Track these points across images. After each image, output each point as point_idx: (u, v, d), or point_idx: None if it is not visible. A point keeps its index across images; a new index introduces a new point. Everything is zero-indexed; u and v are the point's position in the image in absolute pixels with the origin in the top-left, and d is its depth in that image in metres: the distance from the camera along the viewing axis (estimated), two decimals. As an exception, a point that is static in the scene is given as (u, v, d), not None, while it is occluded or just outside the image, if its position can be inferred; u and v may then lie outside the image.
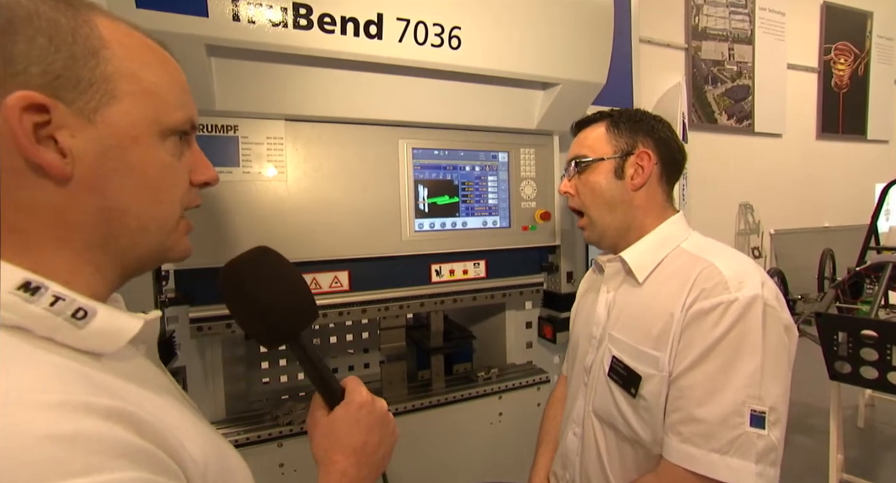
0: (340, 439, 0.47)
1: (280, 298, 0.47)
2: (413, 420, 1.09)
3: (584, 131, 0.80)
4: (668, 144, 0.75)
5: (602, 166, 0.75)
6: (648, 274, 0.71)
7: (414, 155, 1.03)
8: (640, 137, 0.74)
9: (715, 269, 0.63)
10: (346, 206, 0.99)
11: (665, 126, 0.76)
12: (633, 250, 0.74)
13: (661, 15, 3.22)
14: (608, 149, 0.75)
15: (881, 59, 3.90)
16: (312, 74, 0.90)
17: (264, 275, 0.47)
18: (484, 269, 1.13)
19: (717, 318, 0.59)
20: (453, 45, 0.88)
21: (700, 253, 0.68)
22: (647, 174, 0.73)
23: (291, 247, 0.95)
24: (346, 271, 1.03)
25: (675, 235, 0.73)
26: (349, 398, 0.50)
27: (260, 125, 0.92)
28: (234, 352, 1.10)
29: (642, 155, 0.73)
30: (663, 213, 0.75)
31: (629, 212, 0.74)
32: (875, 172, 3.59)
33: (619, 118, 0.76)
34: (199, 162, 0.44)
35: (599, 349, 0.75)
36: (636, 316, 0.70)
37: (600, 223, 0.76)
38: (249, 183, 0.91)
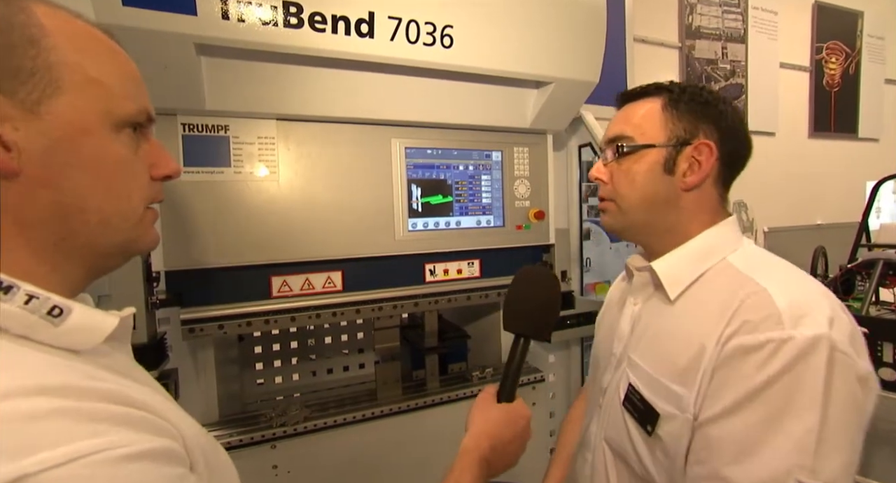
0: (493, 429, 0.55)
1: (557, 315, 0.63)
2: (408, 420, 1.08)
3: (633, 105, 0.62)
4: (736, 136, 0.59)
5: (649, 155, 0.59)
6: (682, 291, 0.58)
7: (407, 154, 1.03)
8: (703, 124, 0.58)
9: (766, 296, 0.49)
10: (339, 205, 0.98)
11: (735, 112, 0.60)
12: (668, 260, 0.60)
13: (655, 14, 3.22)
14: (660, 133, 0.59)
15: (872, 58, 3.93)
16: (304, 74, 0.90)
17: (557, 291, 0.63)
18: (478, 269, 1.13)
19: (762, 359, 0.46)
20: (445, 43, 0.88)
21: (750, 271, 0.54)
22: (704, 173, 0.58)
23: (283, 247, 0.95)
24: (340, 271, 1.02)
25: (721, 245, 0.59)
26: (517, 404, 0.59)
27: (251, 125, 0.91)
28: (226, 353, 1.09)
29: (702, 148, 0.57)
30: (713, 218, 0.60)
31: (671, 215, 0.60)
32: (866, 170, 3.62)
33: (681, 95, 0.59)
34: (158, 156, 0.42)
35: (618, 371, 0.64)
36: (661, 340, 0.58)
37: (632, 217, 0.62)
38: (241, 183, 0.91)
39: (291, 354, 1.24)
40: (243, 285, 0.94)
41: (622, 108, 0.65)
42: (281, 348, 1.23)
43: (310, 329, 1.26)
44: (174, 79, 0.76)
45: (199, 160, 0.87)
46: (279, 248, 0.95)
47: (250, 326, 0.95)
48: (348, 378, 1.30)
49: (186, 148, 0.85)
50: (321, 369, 1.28)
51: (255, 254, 0.93)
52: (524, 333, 0.60)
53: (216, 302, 0.92)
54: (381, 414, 1.05)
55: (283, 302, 0.98)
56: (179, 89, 0.78)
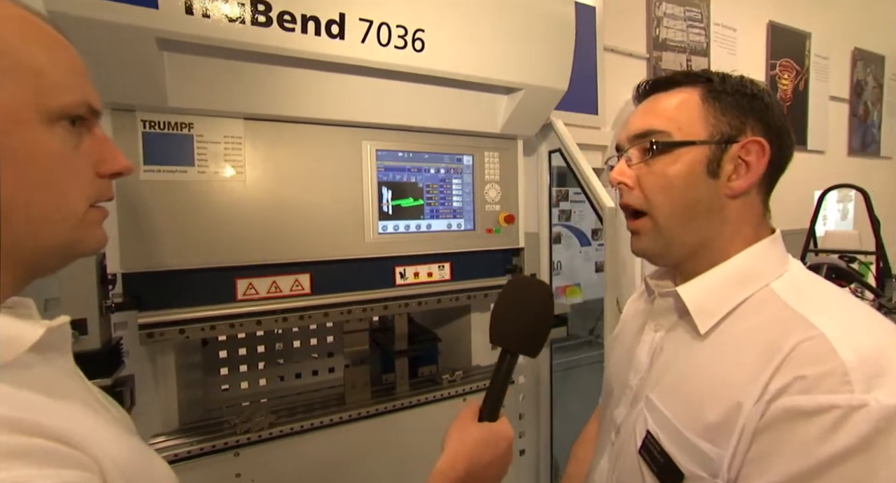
0: (470, 450, 0.51)
1: (548, 331, 0.59)
2: (377, 424, 1.08)
3: (662, 96, 0.53)
4: (783, 136, 0.50)
5: (688, 154, 0.49)
6: (715, 324, 0.48)
7: (378, 157, 1.03)
8: (750, 120, 0.49)
9: (824, 344, 0.39)
10: (308, 207, 0.97)
11: (781, 107, 0.51)
12: (699, 285, 0.50)
13: (625, 25, 3.34)
14: (701, 128, 0.49)
15: (818, 76, 4.22)
16: (274, 73, 0.88)
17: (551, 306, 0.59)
18: (449, 272, 1.14)
19: (824, 429, 0.37)
20: (417, 47, 0.88)
21: (801, 305, 0.44)
22: (754, 176, 0.49)
23: (249, 249, 0.93)
24: (308, 274, 1.01)
25: (765, 268, 0.49)
26: (500, 425, 0.55)
27: (217, 123, 0.89)
28: (188, 358, 1.05)
29: (751, 146, 0.48)
30: (756, 232, 0.51)
31: (711, 227, 0.50)
32: (814, 180, 3.87)
33: (724, 85, 0.50)
34: (105, 151, 0.39)
35: (634, 409, 0.55)
36: (687, 383, 0.48)
37: (669, 234, 0.51)
38: (205, 183, 0.88)
39: (258, 359, 1.21)
40: (207, 288, 0.92)
41: (648, 99, 0.54)
42: (247, 353, 1.19)
43: (277, 333, 1.23)
44: (134, 74, 0.73)
45: (160, 158, 0.84)
46: (245, 250, 0.93)
47: (214, 330, 0.93)
48: (318, 382, 1.28)
49: (147, 145, 0.82)
50: (289, 374, 1.26)
51: (220, 256, 0.91)
52: (512, 349, 0.56)
53: (178, 305, 0.89)
54: (349, 418, 1.04)
55: (249, 305, 0.96)
56: (139, 85, 0.75)
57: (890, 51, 4.71)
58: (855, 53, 4.42)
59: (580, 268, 2.48)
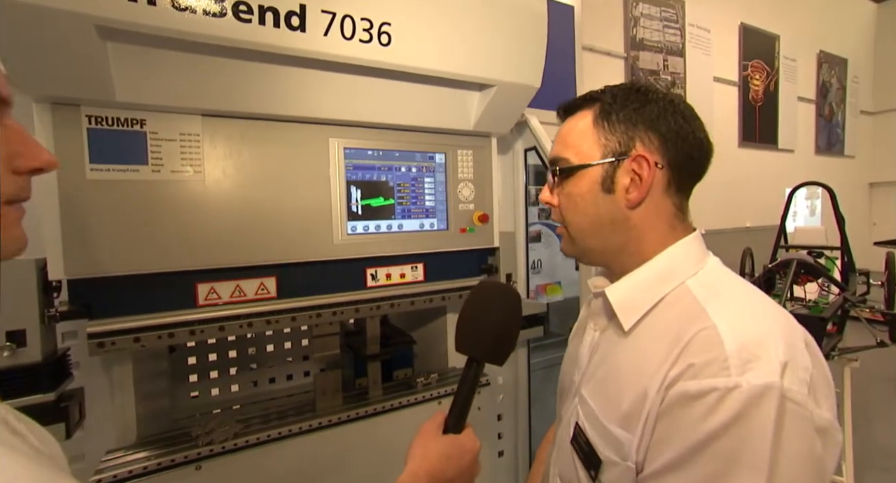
0: (434, 465, 0.50)
1: (516, 337, 0.58)
2: (349, 431, 1.04)
3: (570, 121, 0.58)
4: (682, 139, 0.53)
5: (587, 175, 0.54)
6: (637, 320, 0.52)
7: (346, 155, 0.99)
8: (639, 132, 0.53)
9: (713, 335, 0.44)
10: (273, 208, 0.93)
11: (678, 111, 0.54)
12: (622, 285, 0.55)
13: (603, 25, 3.38)
14: (595, 150, 0.54)
15: (787, 77, 4.35)
16: (233, 67, 0.84)
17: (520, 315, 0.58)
18: (422, 273, 1.11)
19: (706, 410, 0.42)
20: (383, 41, 0.86)
21: (705, 301, 0.48)
22: (646, 186, 0.52)
23: (211, 252, 0.88)
24: (274, 277, 0.97)
25: (681, 267, 0.53)
26: (465, 437, 0.54)
27: (172, 120, 0.84)
28: (152, 366, 1.00)
29: (639, 160, 0.52)
30: (671, 232, 0.55)
31: (623, 233, 0.55)
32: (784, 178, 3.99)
33: (612, 105, 0.54)
34: (21, 145, 0.36)
35: (571, 403, 0.59)
36: (610, 377, 0.53)
37: (581, 244, 0.58)
38: (160, 183, 0.83)
39: (229, 364, 1.17)
40: (165, 294, 0.87)
41: (562, 125, 0.61)
42: (218, 358, 1.15)
43: (249, 337, 1.18)
44: (75, 65, 0.68)
45: (108, 157, 0.78)
46: (206, 253, 0.89)
47: (173, 338, 0.88)
48: (293, 387, 1.24)
49: (93, 142, 0.77)
50: (263, 379, 1.22)
51: (179, 259, 0.86)
52: (477, 357, 0.54)
53: (133, 312, 0.84)
54: (319, 426, 1.01)
55: (211, 311, 0.91)
56: (82, 77, 0.70)
57: (852, 54, 4.90)
58: (820, 56, 4.59)
59: (560, 266, 2.49)
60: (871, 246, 3.33)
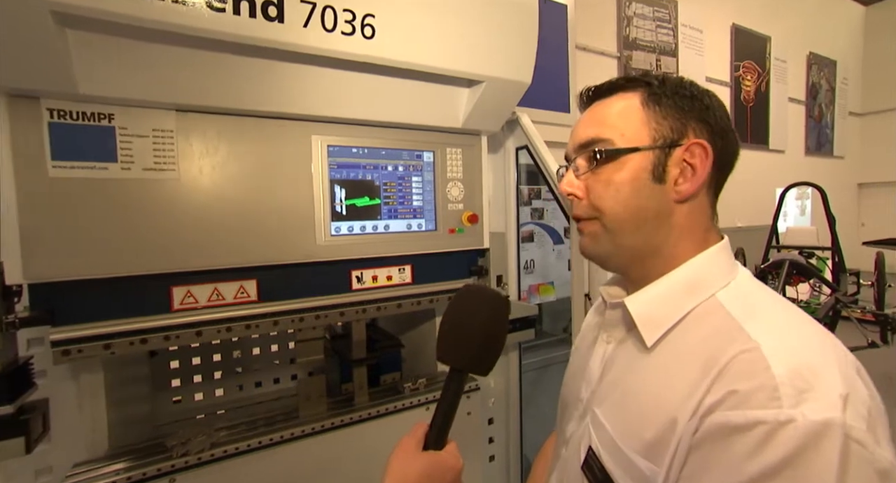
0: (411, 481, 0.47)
1: (502, 346, 0.53)
2: (334, 439, 1.01)
3: (604, 103, 0.52)
4: (727, 137, 0.50)
5: (633, 161, 0.48)
6: (662, 335, 0.47)
7: (329, 153, 0.96)
8: (691, 122, 0.49)
9: (758, 358, 0.38)
10: (252, 208, 0.89)
11: (722, 107, 0.51)
12: (645, 296, 0.49)
13: (596, 24, 3.37)
14: (644, 134, 0.48)
15: (778, 78, 4.38)
16: (209, 59, 0.80)
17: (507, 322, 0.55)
18: (410, 275, 1.08)
19: (752, 446, 0.36)
20: (367, 33, 0.82)
21: (742, 317, 0.43)
22: (700, 178, 0.48)
23: (187, 254, 0.84)
24: (254, 280, 0.93)
25: (712, 277, 0.48)
26: (447, 454, 0.50)
27: (144, 115, 0.80)
28: (126, 372, 0.95)
29: (695, 148, 0.48)
30: (705, 237, 0.50)
31: (661, 233, 0.49)
32: (775, 178, 4.01)
33: (662, 88, 0.50)
34: None
35: (581, 423, 0.53)
36: (630, 399, 0.47)
37: (618, 239, 0.50)
38: (132, 181, 0.79)
39: (214, 368, 1.12)
40: (137, 298, 0.83)
41: (591, 107, 0.54)
42: (202, 362, 1.11)
43: (234, 341, 1.14)
44: (30, 54, 0.63)
45: (73, 153, 0.74)
46: (181, 256, 0.84)
47: (146, 344, 0.84)
48: (279, 390, 1.20)
49: (55, 138, 0.72)
50: (248, 383, 1.18)
51: (152, 262, 0.82)
52: (460, 366, 0.51)
53: (101, 318, 0.80)
54: (302, 434, 0.97)
55: (187, 315, 0.87)
56: (39, 68, 0.65)
57: (841, 56, 4.95)
58: (810, 57, 4.62)
59: (553, 266, 2.47)
60: (859, 246, 3.35)
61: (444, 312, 0.53)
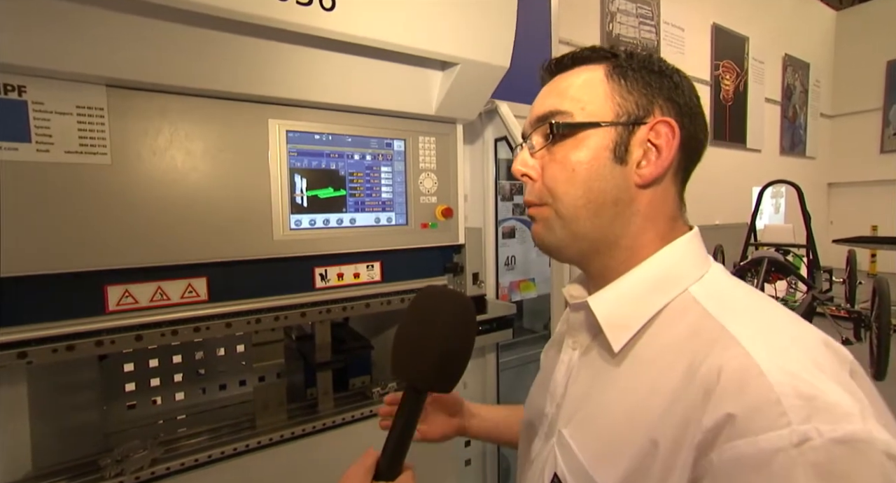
0: None
1: (467, 357, 0.47)
2: (295, 449, 0.93)
3: (567, 75, 0.47)
4: (695, 119, 0.45)
5: (593, 137, 0.43)
6: (631, 338, 0.42)
7: (289, 139, 0.87)
8: (658, 99, 0.43)
9: (750, 366, 0.33)
10: (202, 198, 0.80)
11: (691, 86, 0.46)
12: (610, 294, 0.44)
13: (580, 19, 3.34)
14: (607, 108, 0.43)
15: (755, 79, 4.45)
16: (146, 28, 0.70)
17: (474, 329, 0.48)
18: (379, 272, 1.00)
19: (776, 478, 0.29)
20: (325, 5, 0.73)
21: (720, 312, 0.38)
22: (665, 160, 0.42)
23: (125, 249, 0.75)
24: (204, 278, 0.84)
25: (684, 271, 0.43)
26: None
27: (66, 89, 0.70)
28: (61, 380, 0.85)
29: (661, 127, 0.42)
30: (671, 227, 0.45)
31: (623, 220, 0.44)
32: (751, 177, 4.08)
33: (629, 61, 0.45)
34: None
35: (546, 444, 0.47)
36: (602, 416, 0.41)
37: (573, 227, 0.45)
38: (50, 165, 0.69)
39: (174, 370, 1.03)
40: (63, 298, 0.73)
41: (553, 80, 0.48)
42: (160, 364, 1.01)
43: (198, 341, 1.05)
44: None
45: (-28, 130, 0.64)
46: (117, 251, 0.75)
47: (73, 351, 0.74)
48: (245, 394, 1.11)
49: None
50: (212, 386, 1.08)
51: (80, 257, 0.72)
52: (417, 383, 0.44)
53: (17, 322, 0.70)
54: (257, 445, 0.89)
55: (125, 317, 0.78)
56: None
57: (814, 59, 5.07)
58: (785, 59, 4.72)
59: (535, 262, 2.44)
60: (829, 244, 3.43)
61: (400, 323, 0.46)
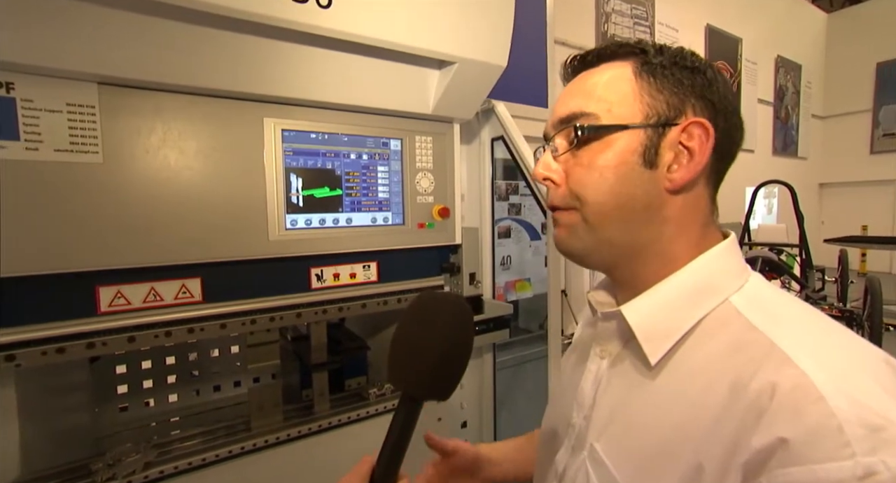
0: None
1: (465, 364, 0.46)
2: (290, 452, 0.92)
3: (592, 72, 0.44)
4: (731, 118, 0.42)
5: (620, 140, 0.41)
6: (669, 351, 0.39)
7: (284, 138, 0.86)
8: (691, 98, 0.41)
9: (808, 388, 0.31)
10: (197, 198, 0.79)
11: (727, 84, 0.42)
12: (646, 302, 0.41)
13: (575, 19, 3.35)
14: (636, 109, 0.41)
15: (748, 79, 4.49)
16: (138, 25, 0.69)
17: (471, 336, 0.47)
18: (375, 272, 1.00)
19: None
20: (322, 2, 0.73)
21: (766, 325, 0.36)
22: (698, 164, 0.40)
23: (116, 249, 0.74)
24: (198, 278, 0.83)
25: (723, 280, 0.40)
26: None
27: (56, 86, 0.68)
28: (51, 382, 0.84)
29: (693, 129, 0.40)
30: (704, 234, 0.43)
31: (654, 227, 0.42)
32: (745, 177, 4.11)
33: (659, 57, 0.42)
34: None
35: (576, 457, 0.45)
36: (639, 433, 0.39)
37: (600, 234, 0.42)
38: (41, 164, 0.68)
39: (167, 372, 1.02)
40: (53, 300, 0.71)
41: (576, 78, 0.45)
42: (153, 365, 1.00)
43: (193, 342, 1.03)
44: None
45: (-40, 127, 0.62)
46: (110, 252, 0.74)
47: (63, 353, 0.73)
48: (240, 395, 1.10)
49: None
50: (206, 387, 1.07)
51: (71, 258, 0.71)
52: (414, 392, 0.42)
53: (3, 324, 0.68)
54: (253, 448, 0.88)
55: (118, 319, 0.77)
56: None
57: (805, 60, 5.13)
58: (778, 61, 4.76)
59: (530, 262, 2.44)
60: (821, 243, 3.47)
61: (396, 328, 0.45)
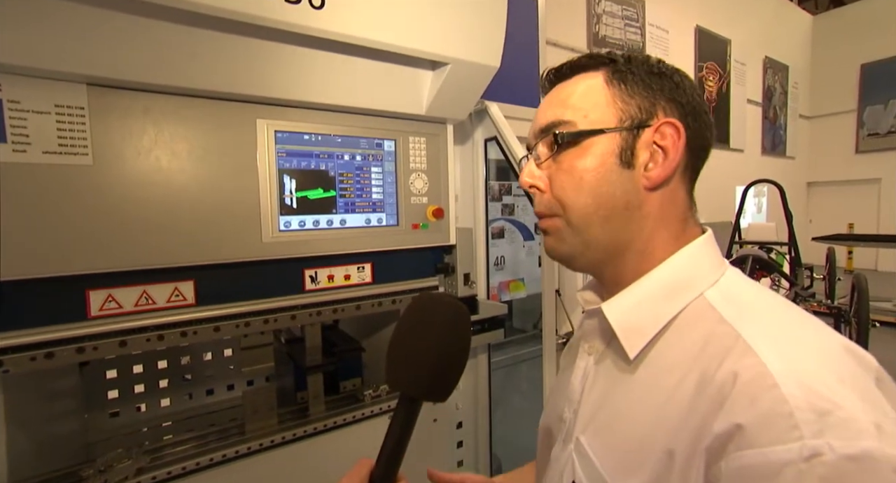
0: None
1: (463, 364, 0.47)
2: (285, 455, 0.91)
3: (567, 83, 0.47)
4: (699, 116, 0.45)
5: (599, 144, 0.43)
6: (646, 345, 0.42)
7: (277, 139, 0.86)
8: (661, 101, 0.44)
9: (763, 375, 0.33)
10: (189, 200, 0.78)
11: (694, 87, 0.46)
12: (625, 300, 0.44)
13: (567, 20, 3.38)
14: (610, 114, 0.44)
15: (737, 80, 4.55)
16: (128, 25, 0.68)
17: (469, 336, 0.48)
18: (370, 274, 0.99)
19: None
20: (315, 3, 0.72)
21: (735, 318, 0.38)
22: (672, 162, 0.43)
23: (107, 252, 0.73)
24: (191, 281, 0.82)
25: (698, 275, 0.43)
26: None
27: (43, 87, 0.67)
28: (40, 388, 0.83)
29: (665, 129, 0.43)
30: (683, 229, 0.45)
31: (634, 224, 0.44)
32: (734, 176, 4.16)
33: (628, 65, 0.45)
34: None
35: (564, 450, 0.47)
36: (619, 424, 0.42)
37: (585, 236, 0.45)
38: (27, 166, 0.67)
39: (159, 376, 1.01)
40: (41, 304, 0.71)
41: (553, 90, 0.49)
42: (144, 370, 0.98)
43: (186, 345, 1.02)
44: None
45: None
46: (100, 255, 0.73)
47: (52, 359, 0.72)
48: (233, 398, 1.09)
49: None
50: (199, 391, 1.06)
51: (59, 262, 0.70)
52: (412, 393, 0.43)
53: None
54: (248, 451, 0.87)
55: (109, 323, 0.76)
56: None
57: (792, 61, 5.21)
58: (766, 61, 4.83)
59: (524, 262, 2.45)
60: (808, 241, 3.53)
61: (394, 330, 0.45)
